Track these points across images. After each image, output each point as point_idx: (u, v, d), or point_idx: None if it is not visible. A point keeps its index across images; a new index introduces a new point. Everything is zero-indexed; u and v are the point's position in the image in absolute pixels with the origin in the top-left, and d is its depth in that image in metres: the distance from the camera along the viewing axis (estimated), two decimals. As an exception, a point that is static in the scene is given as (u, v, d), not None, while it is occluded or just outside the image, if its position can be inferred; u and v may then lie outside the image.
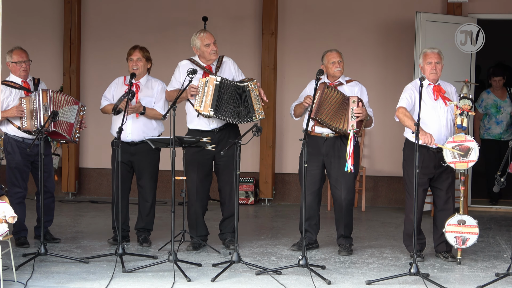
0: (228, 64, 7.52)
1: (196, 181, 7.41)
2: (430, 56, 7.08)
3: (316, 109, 7.14)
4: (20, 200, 7.46)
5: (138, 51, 7.56)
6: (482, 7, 10.10)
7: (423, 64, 7.12)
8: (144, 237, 7.63)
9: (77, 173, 10.79)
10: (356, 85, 7.46)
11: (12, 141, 7.51)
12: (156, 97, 7.58)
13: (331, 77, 7.43)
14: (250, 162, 10.38)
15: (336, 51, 7.45)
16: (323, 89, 7.20)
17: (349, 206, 7.40)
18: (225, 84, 7.21)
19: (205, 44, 7.37)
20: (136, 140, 7.51)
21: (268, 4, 10.30)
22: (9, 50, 7.56)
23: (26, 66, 7.56)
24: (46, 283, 6.27)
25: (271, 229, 8.73)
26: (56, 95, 7.50)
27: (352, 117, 7.14)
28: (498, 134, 10.29)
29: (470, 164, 6.88)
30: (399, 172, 10.13)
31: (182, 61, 7.54)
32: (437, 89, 7.08)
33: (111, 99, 7.61)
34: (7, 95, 7.44)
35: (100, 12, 10.76)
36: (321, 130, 7.33)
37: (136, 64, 7.53)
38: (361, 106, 7.16)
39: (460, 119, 6.95)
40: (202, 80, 7.20)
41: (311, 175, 7.34)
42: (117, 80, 7.72)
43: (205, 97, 7.14)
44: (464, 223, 6.90)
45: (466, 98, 6.94)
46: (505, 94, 10.33)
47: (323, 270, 6.71)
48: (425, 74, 7.10)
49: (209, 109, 7.13)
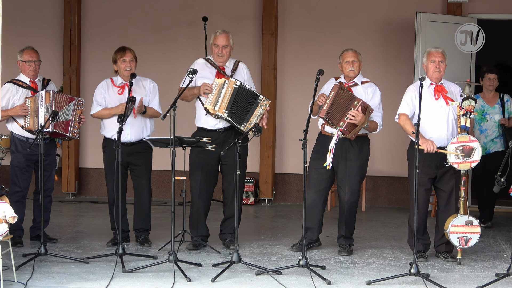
0: (242, 70, 7.55)
1: (200, 180, 7.41)
2: (434, 55, 7.07)
3: (327, 110, 7.09)
4: (18, 199, 7.46)
5: (130, 51, 7.56)
6: (482, 7, 10.10)
7: (426, 63, 7.11)
8: (144, 237, 7.63)
9: (77, 173, 10.79)
10: (370, 87, 7.37)
11: (16, 140, 7.56)
12: (149, 96, 7.59)
13: (346, 77, 7.40)
14: (250, 162, 10.30)
15: (352, 51, 7.37)
16: (337, 90, 7.11)
17: (352, 208, 7.37)
18: (242, 89, 7.25)
19: (215, 44, 7.41)
20: (133, 140, 7.51)
21: (268, 4, 10.31)
22: (20, 49, 7.63)
23: (35, 66, 7.58)
24: (46, 283, 6.26)
25: (271, 229, 8.73)
26: (58, 96, 7.52)
27: (347, 117, 7.10)
28: (482, 145, 8.68)
29: (474, 164, 6.90)
30: (399, 172, 10.23)
31: (199, 59, 7.57)
32: (438, 88, 7.07)
33: (103, 104, 7.59)
34: (13, 94, 7.48)
35: (100, 12, 10.76)
36: (331, 130, 7.26)
37: (130, 65, 7.52)
38: (360, 111, 7.06)
39: (463, 119, 6.93)
40: (220, 81, 7.23)
41: (319, 173, 7.33)
42: (104, 82, 7.64)
43: (222, 98, 7.17)
44: (471, 224, 6.91)
45: (469, 99, 6.93)
46: (495, 100, 9.01)
47: (323, 270, 6.70)
48: (429, 73, 7.08)
49: (224, 110, 7.17)
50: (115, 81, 7.58)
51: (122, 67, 7.51)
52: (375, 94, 7.35)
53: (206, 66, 7.45)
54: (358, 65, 7.34)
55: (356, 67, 7.33)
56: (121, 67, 7.51)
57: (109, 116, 7.50)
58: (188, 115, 8.00)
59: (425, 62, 7.13)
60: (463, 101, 6.93)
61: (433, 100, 7.04)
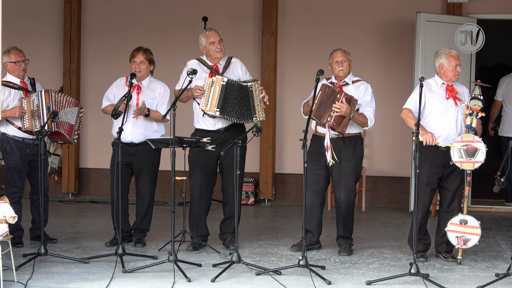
0: (236, 65, 7.54)
1: (200, 180, 7.41)
2: (456, 58, 7.06)
3: (316, 109, 7.12)
4: (16, 200, 7.44)
5: (142, 53, 7.55)
6: (482, 7, 10.09)
7: (448, 65, 7.06)
8: (138, 238, 7.61)
9: (77, 173, 10.78)
10: (362, 84, 7.39)
11: (11, 141, 7.50)
12: (158, 100, 7.57)
13: (337, 77, 7.41)
14: (250, 162, 10.36)
15: (341, 51, 7.37)
16: (324, 90, 7.16)
17: (349, 208, 7.38)
18: (231, 85, 7.23)
19: (210, 42, 7.40)
20: (135, 141, 7.50)
21: (268, 4, 10.30)
22: (5, 50, 7.48)
23: (24, 65, 7.55)
24: (46, 283, 6.26)
25: (271, 229, 8.73)
26: (57, 95, 7.50)
27: (332, 111, 7.10)
28: None
29: (476, 165, 6.86)
30: (399, 172, 10.23)
31: (191, 60, 7.57)
32: (450, 88, 7.07)
33: (112, 100, 7.61)
34: (6, 96, 7.42)
35: (100, 12, 10.75)
36: (324, 131, 7.29)
37: (139, 67, 7.52)
38: (344, 102, 7.04)
39: (469, 119, 6.93)
40: (209, 80, 7.23)
41: (315, 174, 7.33)
42: (119, 80, 7.70)
43: (211, 97, 7.17)
44: (466, 223, 6.90)
45: (476, 99, 6.93)
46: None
47: (323, 270, 6.70)
48: (449, 75, 7.02)
49: (215, 109, 7.16)
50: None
51: (132, 68, 7.53)
52: (367, 91, 7.36)
53: (199, 67, 7.44)
54: (347, 65, 7.35)
55: (345, 66, 7.33)
56: (132, 67, 7.54)
57: (111, 112, 7.50)
58: (188, 115, 7.99)
59: (445, 63, 7.04)
60: (470, 101, 6.94)
61: (444, 100, 7.04)
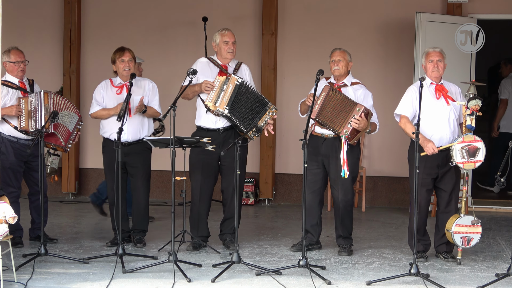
0: (245, 71, 7.59)
1: (200, 181, 7.41)
2: (432, 55, 7.08)
3: (318, 111, 7.12)
4: (14, 200, 7.44)
5: (128, 52, 7.57)
6: (482, 7, 10.10)
7: (425, 63, 7.12)
8: (138, 238, 7.62)
9: (77, 173, 10.78)
10: (360, 88, 7.38)
11: (6, 141, 7.49)
12: (149, 96, 7.60)
13: (335, 77, 7.41)
14: (250, 162, 10.32)
15: (340, 50, 7.38)
16: (327, 92, 7.14)
17: (347, 207, 7.38)
18: (245, 87, 7.28)
19: (224, 41, 7.42)
20: (130, 140, 7.49)
21: (268, 4, 10.30)
22: (5, 50, 7.51)
23: (24, 66, 7.57)
24: (46, 283, 6.27)
25: (271, 229, 8.72)
26: (56, 98, 7.53)
27: (350, 123, 7.11)
28: None
29: (478, 164, 6.91)
30: (398, 173, 10.22)
31: (201, 58, 7.60)
32: (439, 88, 7.08)
33: (102, 104, 7.60)
34: (4, 95, 7.43)
35: (100, 12, 10.75)
36: (321, 131, 7.32)
37: (129, 65, 7.53)
38: (363, 117, 7.08)
39: (469, 119, 6.94)
40: (222, 78, 7.28)
41: (312, 174, 7.33)
42: (104, 83, 7.66)
43: (223, 94, 7.22)
44: (478, 223, 6.93)
45: (475, 99, 6.94)
46: None
47: (323, 270, 6.70)
48: (427, 73, 7.09)
49: (225, 106, 7.20)
50: (114, 81, 7.59)
51: (121, 67, 7.51)
52: (367, 98, 7.35)
53: (208, 65, 7.47)
54: (344, 64, 7.33)
55: (341, 66, 7.33)
56: (120, 67, 7.52)
57: (107, 116, 7.50)
58: (188, 115, 8.00)
59: (423, 62, 7.14)
60: (469, 101, 6.94)
61: (434, 100, 7.04)
